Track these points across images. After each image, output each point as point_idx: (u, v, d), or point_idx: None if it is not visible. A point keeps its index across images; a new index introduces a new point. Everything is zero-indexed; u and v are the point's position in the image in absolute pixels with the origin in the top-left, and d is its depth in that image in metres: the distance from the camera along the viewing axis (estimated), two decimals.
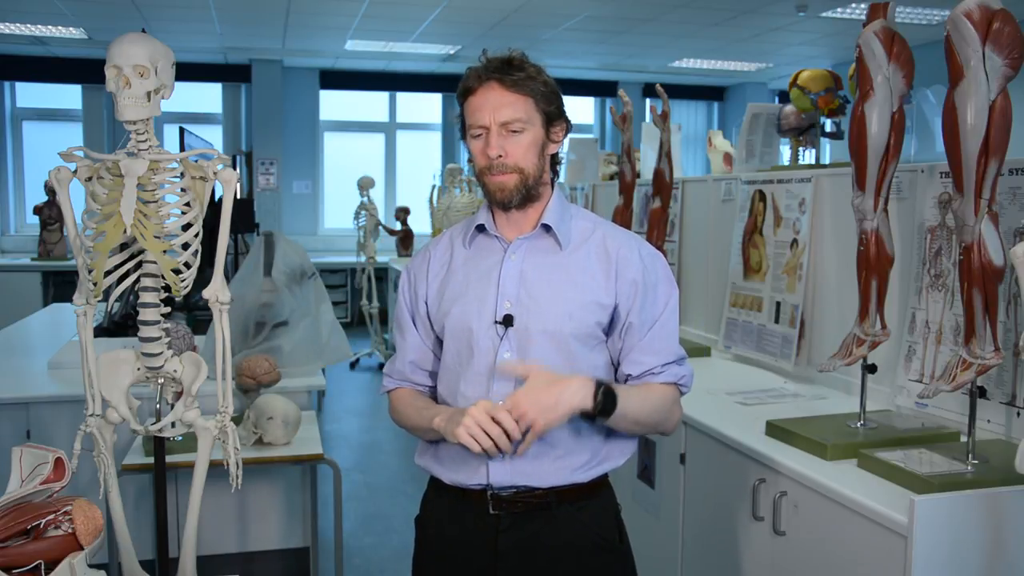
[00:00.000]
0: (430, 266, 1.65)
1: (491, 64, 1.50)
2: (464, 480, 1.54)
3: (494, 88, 1.49)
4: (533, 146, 1.51)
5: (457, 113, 1.58)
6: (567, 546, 1.55)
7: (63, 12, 6.95)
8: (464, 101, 1.53)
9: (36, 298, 7.46)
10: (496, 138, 1.48)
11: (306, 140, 9.87)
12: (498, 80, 1.49)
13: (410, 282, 1.67)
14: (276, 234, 3.35)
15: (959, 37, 1.58)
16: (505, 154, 1.49)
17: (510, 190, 1.51)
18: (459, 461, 1.54)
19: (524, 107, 1.49)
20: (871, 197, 1.92)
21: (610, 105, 3.26)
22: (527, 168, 1.51)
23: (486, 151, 1.50)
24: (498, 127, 1.48)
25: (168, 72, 1.81)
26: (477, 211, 1.65)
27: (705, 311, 3.28)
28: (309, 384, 3.11)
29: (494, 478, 1.51)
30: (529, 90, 1.50)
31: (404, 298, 1.68)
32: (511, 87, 1.49)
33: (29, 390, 2.90)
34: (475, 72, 1.51)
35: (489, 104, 1.48)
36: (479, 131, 1.51)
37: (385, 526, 3.87)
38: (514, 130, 1.49)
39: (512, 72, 1.49)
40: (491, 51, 1.54)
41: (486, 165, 1.51)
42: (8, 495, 1.38)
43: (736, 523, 2.09)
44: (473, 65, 1.54)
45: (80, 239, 1.82)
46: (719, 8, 6.82)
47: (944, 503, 1.54)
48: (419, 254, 1.70)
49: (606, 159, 4.94)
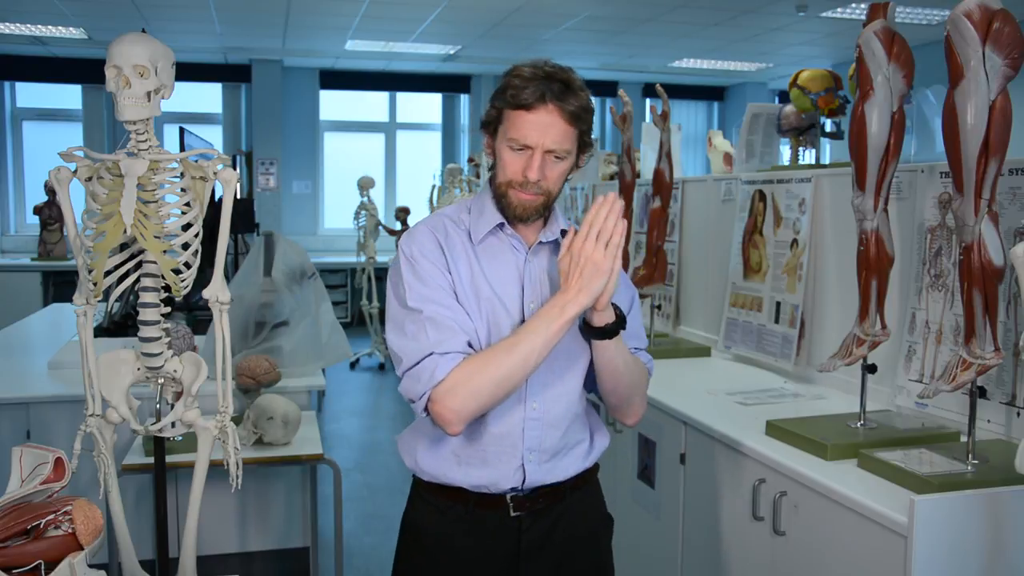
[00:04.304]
0: (449, 254, 1.52)
1: (553, 84, 1.44)
2: (499, 482, 1.53)
3: (553, 112, 1.44)
4: (566, 172, 1.52)
5: (488, 108, 1.51)
6: (581, 530, 1.62)
7: (63, 12, 6.95)
8: (511, 109, 1.46)
9: (36, 298, 7.46)
10: (539, 162, 1.46)
11: (306, 140, 9.87)
12: (559, 107, 1.44)
13: (446, 257, 1.51)
14: (276, 234, 3.36)
15: (959, 37, 1.58)
16: (544, 178, 1.48)
17: (532, 211, 1.51)
18: (493, 464, 1.52)
19: (572, 138, 1.48)
20: (871, 197, 1.92)
21: (610, 105, 3.26)
22: (554, 192, 1.51)
23: (525, 171, 1.47)
24: (543, 152, 1.46)
25: (168, 72, 1.81)
26: (472, 203, 1.58)
27: (705, 311, 3.28)
28: (309, 384, 3.11)
29: (530, 478, 1.53)
30: (581, 122, 1.47)
31: (436, 271, 1.50)
32: (569, 118, 1.45)
33: (29, 390, 2.90)
34: (535, 87, 1.43)
35: (542, 127, 1.44)
36: (522, 148, 1.46)
37: (385, 526, 3.87)
38: (557, 157, 1.48)
39: (571, 100, 1.45)
40: (546, 62, 1.48)
41: (519, 181, 1.48)
42: (8, 495, 1.38)
43: (736, 523, 2.09)
44: (522, 66, 1.47)
45: (80, 239, 1.82)
46: (719, 8, 6.82)
47: (944, 503, 1.54)
48: (425, 239, 1.53)
49: (606, 159, 4.94)
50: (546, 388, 1.54)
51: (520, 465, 1.53)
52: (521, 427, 1.52)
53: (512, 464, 1.52)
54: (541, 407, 1.53)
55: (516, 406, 1.52)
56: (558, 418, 1.55)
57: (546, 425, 1.54)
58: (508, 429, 1.52)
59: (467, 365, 1.42)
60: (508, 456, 1.52)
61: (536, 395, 1.53)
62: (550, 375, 1.53)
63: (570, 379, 1.56)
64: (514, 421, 1.52)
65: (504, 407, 1.51)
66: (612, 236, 1.40)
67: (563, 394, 1.55)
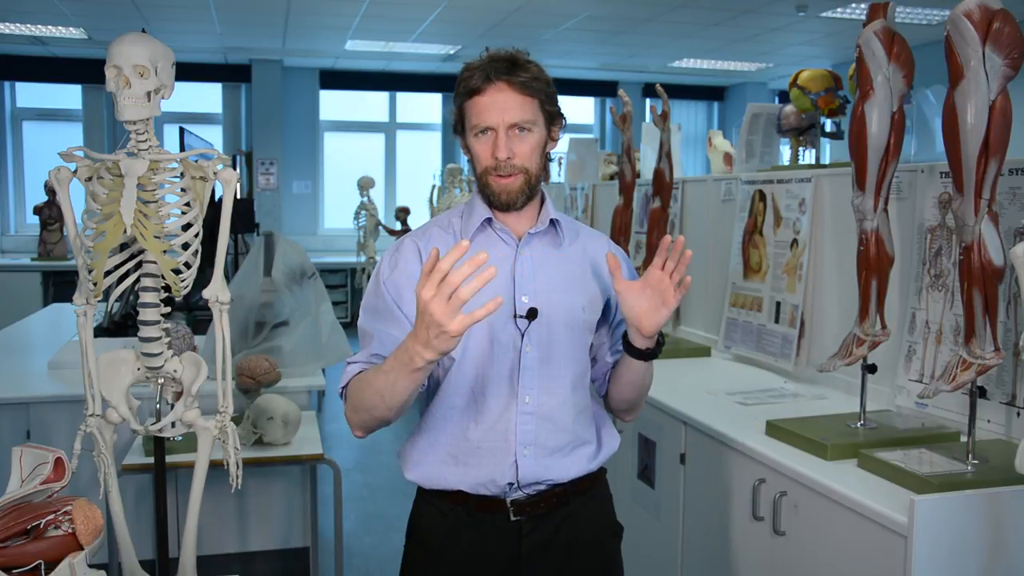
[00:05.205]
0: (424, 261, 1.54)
1: (498, 64, 1.48)
2: (496, 478, 1.52)
3: (503, 89, 1.47)
4: (538, 147, 1.52)
5: (453, 110, 1.55)
6: (586, 536, 1.60)
7: (63, 12, 6.95)
8: (468, 100, 1.50)
9: (36, 298, 7.46)
10: (504, 139, 1.47)
11: (306, 140, 9.87)
12: (507, 81, 1.47)
13: (406, 275, 1.53)
14: (276, 234, 3.36)
15: (959, 37, 1.58)
16: (513, 155, 1.48)
17: (515, 192, 1.51)
18: (487, 460, 1.52)
19: (532, 108, 1.49)
20: (871, 197, 1.92)
21: (610, 105, 3.27)
22: (531, 169, 1.51)
23: (494, 152, 1.48)
24: (506, 128, 1.47)
25: (168, 72, 1.81)
26: (465, 206, 1.60)
27: (705, 311, 3.28)
28: (309, 384, 3.11)
29: (523, 473, 1.52)
30: (536, 91, 1.49)
31: (390, 290, 1.53)
32: (520, 89, 1.47)
33: (29, 390, 2.90)
34: (481, 71, 1.47)
35: (498, 105, 1.47)
36: (485, 131, 1.49)
37: (385, 526, 3.87)
38: (522, 131, 1.49)
39: (519, 72, 1.48)
40: (492, 48, 1.52)
41: (492, 165, 1.50)
42: (8, 495, 1.38)
43: (736, 523, 2.09)
44: (471, 61, 1.51)
45: (80, 239, 1.82)
46: (719, 8, 6.82)
47: (944, 503, 1.54)
48: (404, 247, 1.57)
49: (606, 159, 4.94)
50: (538, 380, 1.53)
51: (513, 461, 1.52)
52: (514, 420, 1.51)
53: (507, 459, 1.51)
54: (535, 400, 1.52)
55: (509, 399, 1.52)
56: (553, 411, 1.54)
57: (541, 419, 1.53)
58: (501, 422, 1.51)
59: (355, 383, 1.49)
60: (502, 451, 1.51)
61: (529, 388, 1.52)
62: (543, 366, 1.53)
63: (565, 370, 1.55)
64: (507, 415, 1.51)
65: (496, 400, 1.51)
66: (458, 291, 1.17)
67: (557, 387, 1.54)
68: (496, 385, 1.52)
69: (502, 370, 1.52)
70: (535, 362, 1.51)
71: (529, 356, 1.52)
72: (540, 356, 1.52)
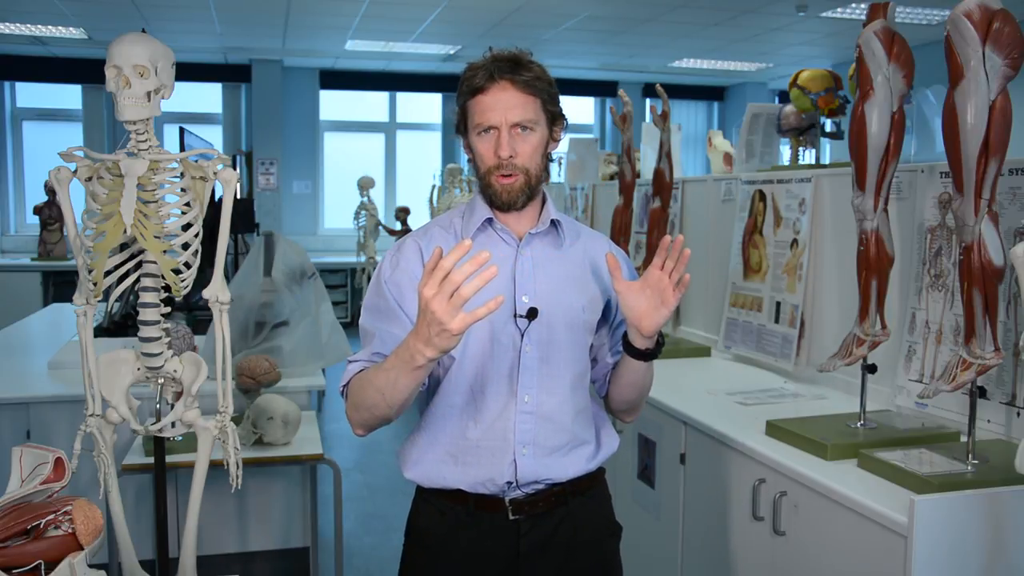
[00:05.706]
0: (426, 260, 1.53)
1: (501, 63, 1.48)
2: (494, 477, 1.52)
3: (506, 88, 1.47)
4: (540, 146, 1.52)
5: (455, 109, 1.55)
6: (584, 536, 1.60)
7: (63, 12, 6.95)
8: (471, 99, 1.50)
9: (36, 298, 7.46)
10: (507, 138, 1.47)
11: (306, 140, 9.87)
12: (510, 80, 1.47)
13: (408, 274, 1.53)
14: (276, 234, 3.36)
15: (959, 37, 1.58)
16: (515, 154, 1.49)
17: (516, 192, 1.51)
18: (486, 459, 1.52)
19: (534, 108, 1.49)
20: (871, 197, 1.92)
21: (610, 105, 3.27)
22: (532, 169, 1.52)
23: (496, 151, 1.48)
24: (509, 127, 1.48)
25: (168, 72, 1.81)
26: (466, 206, 1.61)
27: (705, 311, 3.28)
28: (309, 384, 3.11)
29: (521, 472, 1.52)
30: (539, 91, 1.50)
31: (391, 289, 1.53)
32: (523, 88, 1.48)
33: (29, 390, 2.90)
34: (484, 70, 1.48)
35: (501, 104, 1.47)
36: (488, 130, 1.49)
37: (385, 526, 3.87)
38: (524, 131, 1.49)
39: (523, 72, 1.48)
40: (495, 48, 1.52)
41: (494, 165, 1.50)
42: (8, 495, 1.38)
43: (736, 523, 2.09)
44: (474, 61, 1.52)
45: (80, 239, 1.82)
46: (719, 8, 6.82)
47: (944, 503, 1.54)
48: (406, 247, 1.57)
49: (606, 159, 4.94)
50: (538, 380, 1.53)
51: (512, 460, 1.52)
52: (513, 420, 1.52)
53: (505, 458, 1.51)
54: (534, 400, 1.52)
55: (508, 399, 1.52)
56: (552, 411, 1.54)
57: (540, 418, 1.53)
58: (500, 422, 1.51)
59: (355, 381, 1.49)
60: (500, 450, 1.51)
61: (528, 387, 1.52)
62: (542, 366, 1.53)
63: (564, 370, 1.55)
64: (506, 414, 1.52)
65: (495, 399, 1.51)
66: (460, 290, 1.17)
67: (557, 387, 1.54)
68: (495, 384, 1.52)
69: (502, 369, 1.52)
70: (535, 362, 1.52)
71: (529, 356, 1.52)
72: (540, 356, 1.52)
